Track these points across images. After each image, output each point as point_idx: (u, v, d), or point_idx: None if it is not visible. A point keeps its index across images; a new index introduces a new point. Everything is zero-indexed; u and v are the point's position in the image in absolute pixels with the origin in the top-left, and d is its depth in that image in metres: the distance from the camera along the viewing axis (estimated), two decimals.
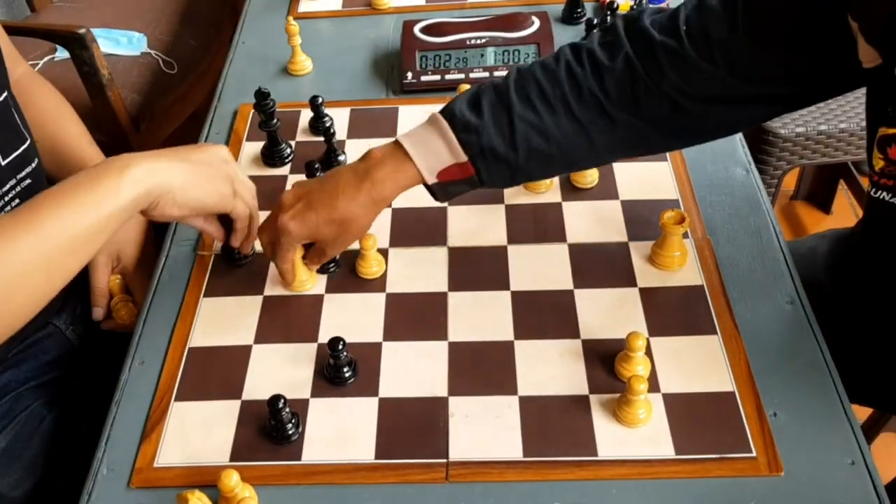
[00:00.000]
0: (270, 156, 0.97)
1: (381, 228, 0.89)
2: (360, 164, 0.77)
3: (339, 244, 0.79)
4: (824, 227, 2.00)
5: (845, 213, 2.04)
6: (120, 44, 1.62)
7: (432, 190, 0.77)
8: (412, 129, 0.76)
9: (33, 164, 0.86)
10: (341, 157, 0.97)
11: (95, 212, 0.65)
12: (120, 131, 1.51)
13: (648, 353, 0.74)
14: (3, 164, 0.81)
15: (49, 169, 0.93)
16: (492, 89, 0.75)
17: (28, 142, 0.86)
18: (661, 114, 0.72)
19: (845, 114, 1.46)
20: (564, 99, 0.72)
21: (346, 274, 0.84)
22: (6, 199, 0.82)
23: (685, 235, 0.84)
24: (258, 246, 0.84)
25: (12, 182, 0.83)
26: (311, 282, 0.83)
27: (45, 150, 0.92)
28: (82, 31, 1.38)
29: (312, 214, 0.76)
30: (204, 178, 0.73)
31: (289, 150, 0.98)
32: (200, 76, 1.73)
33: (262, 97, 0.94)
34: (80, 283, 0.94)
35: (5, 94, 0.83)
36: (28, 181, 0.85)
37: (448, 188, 0.76)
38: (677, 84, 0.71)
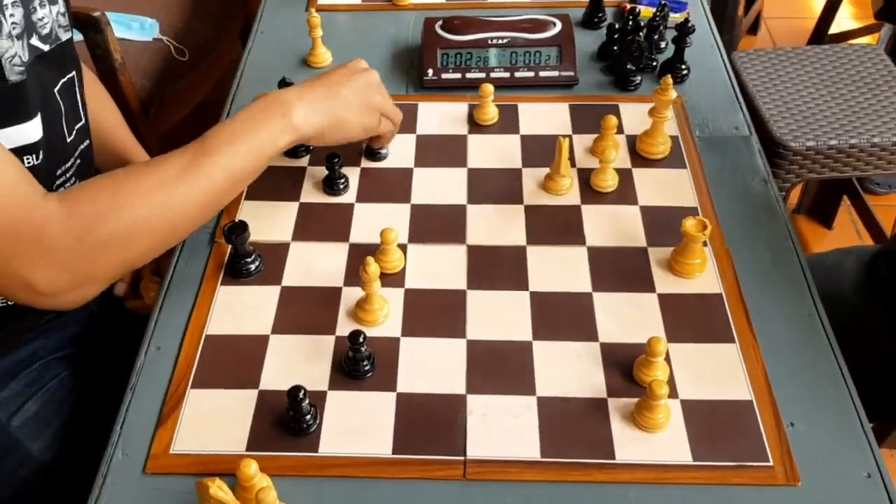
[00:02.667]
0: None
1: (400, 223, 0.88)
2: None
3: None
4: (825, 242, 2.02)
5: (846, 228, 2.05)
6: (132, 29, 1.61)
7: None
8: None
9: (83, 145, 0.87)
10: (383, 151, 0.97)
11: (258, 156, 0.76)
12: (129, 116, 1.50)
13: (667, 359, 0.74)
14: (69, 140, 0.83)
15: None
16: None
17: (83, 121, 0.87)
18: None
19: (855, 129, 1.47)
20: None
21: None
22: (67, 175, 0.83)
23: (704, 244, 0.84)
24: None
25: (72, 160, 0.84)
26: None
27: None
28: (97, 13, 1.38)
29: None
30: (353, 115, 0.83)
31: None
32: (211, 65, 1.73)
33: (284, 86, 0.93)
34: None
35: (73, 72, 0.85)
36: (80, 161, 0.86)
37: None
38: None
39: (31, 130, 0.75)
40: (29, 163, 0.76)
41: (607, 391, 0.73)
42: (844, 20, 2.57)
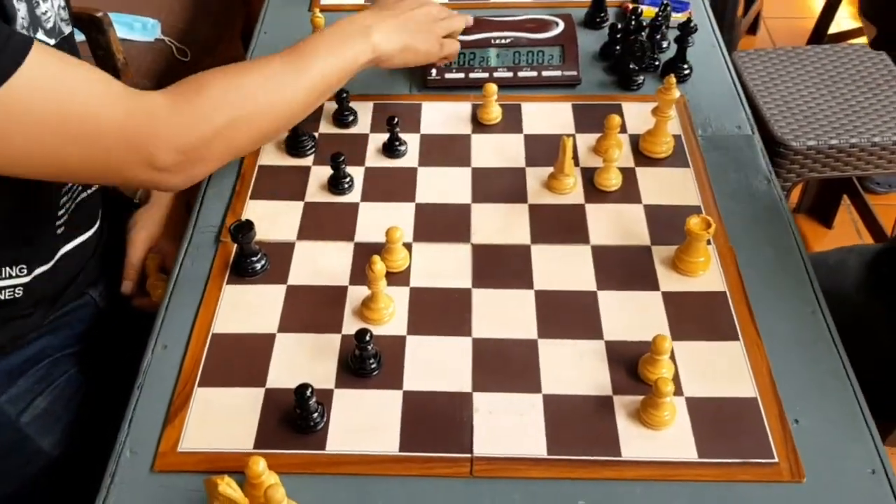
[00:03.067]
0: (294, 146, 0.97)
1: (405, 222, 0.89)
2: None
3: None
4: (826, 241, 2.02)
5: (847, 228, 2.06)
6: (134, 29, 1.62)
7: None
8: None
9: None
10: (402, 147, 0.98)
11: (344, 68, 0.85)
12: None
13: (671, 356, 0.75)
14: None
15: None
16: None
17: None
18: None
19: (856, 129, 1.47)
20: None
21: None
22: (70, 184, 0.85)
23: (708, 242, 0.85)
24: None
25: None
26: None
27: None
28: (100, 14, 1.38)
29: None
30: (420, 42, 0.93)
31: (312, 141, 0.98)
32: (212, 65, 1.72)
33: None
34: (116, 258, 0.96)
35: None
36: None
37: None
38: None
39: None
40: None
41: (613, 389, 0.74)
42: (843, 20, 2.58)
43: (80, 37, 1.48)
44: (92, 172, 0.73)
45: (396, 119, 0.95)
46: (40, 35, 0.75)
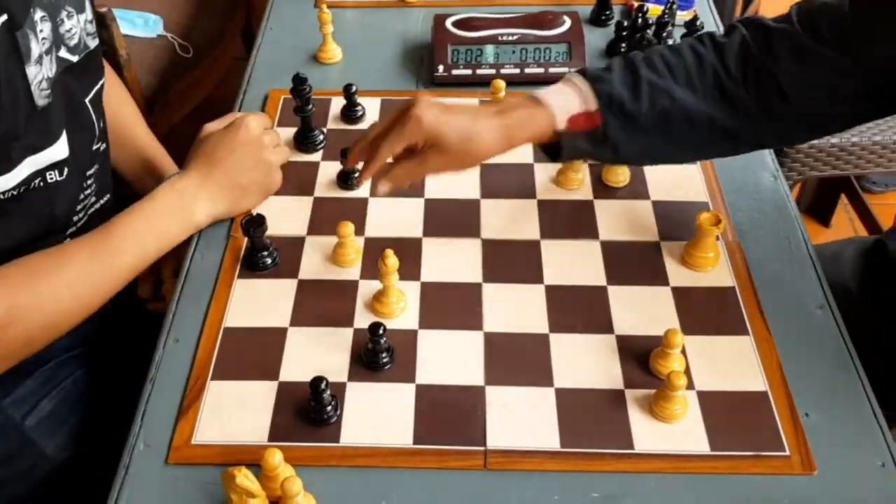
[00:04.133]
0: (304, 141, 0.97)
1: (414, 218, 0.89)
2: (492, 105, 0.80)
3: (452, 160, 0.78)
4: (823, 240, 2.03)
5: (844, 227, 2.07)
6: (136, 25, 1.61)
7: (558, 145, 0.79)
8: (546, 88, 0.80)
9: (103, 147, 0.88)
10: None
11: (157, 253, 0.80)
12: None
13: (682, 351, 0.75)
14: (93, 149, 0.85)
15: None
16: (621, 58, 0.80)
17: (104, 125, 0.88)
18: (770, 97, 0.76)
19: (857, 128, 1.48)
20: (686, 68, 0.78)
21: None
22: (89, 181, 0.84)
23: (717, 237, 0.85)
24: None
25: (96, 167, 0.86)
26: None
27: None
28: (103, 9, 1.37)
29: (451, 117, 0.77)
30: (252, 196, 0.87)
31: (321, 137, 0.98)
32: (214, 61, 1.73)
33: (299, 82, 0.94)
34: None
35: (102, 80, 0.86)
36: (97, 165, 0.87)
37: (574, 142, 0.78)
38: (788, 68, 0.75)
39: (58, 150, 0.75)
40: (52, 178, 0.76)
41: (624, 382, 0.74)
42: None
43: None
44: None
45: None
46: (63, 52, 0.75)
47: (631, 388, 0.74)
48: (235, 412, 0.72)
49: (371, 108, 1.03)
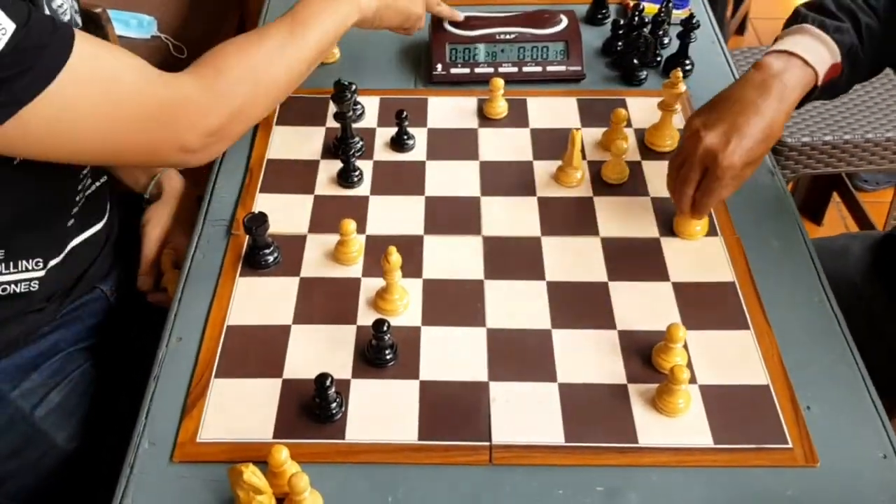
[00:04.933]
0: (343, 148, 0.95)
1: (415, 215, 0.89)
2: (756, 75, 0.81)
3: (760, 161, 0.81)
4: (815, 237, 2.05)
5: (836, 224, 2.09)
6: (130, 26, 1.61)
7: (813, 93, 0.82)
8: (788, 40, 0.82)
9: None
10: (410, 142, 0.98)
11: (335, 28, 0.86)
12: None
13: (684, 345, 0.75)
14: None
15: None
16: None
17: None
18: None
19: (849, 125, 1.49)
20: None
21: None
22: (85, 170, 0.84)
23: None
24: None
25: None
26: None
27: None
28: (98, 10, 1.37)
29: (749, 140, 0.78)
30: (404, 7, 0.94)
31: (360, 143, 0.97)
32: None
33: (341, 87, 0.92)
34: (125, 252, 0.96)
35: None
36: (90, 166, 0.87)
37: (824, 90, 0.82)
38: None
39: None
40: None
41: (627, 377, 0.75)
42: None
43: None
44: (128, 155, 0.76)
45: (405, 113, 0.96)
46: None
47: (634, 382, 0.74)
48: (240, 410, 0.72)
49: (370, 107, 1.03)
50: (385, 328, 0.73)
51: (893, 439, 0.70)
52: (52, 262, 0.82)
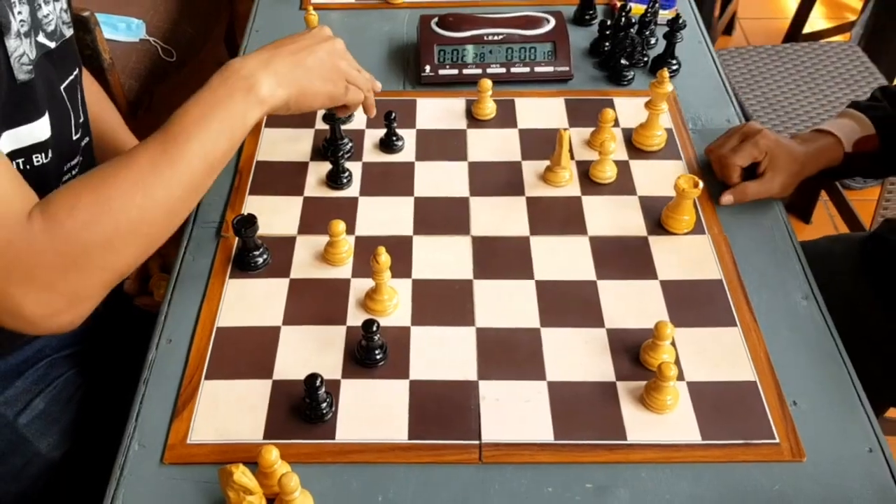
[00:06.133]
0: (331, 149, 0.95)
1: (404, 216, 0.90)
2: (797, 141, 0.94)
3: (782, 183, 0.91)
4: (804, 236, 2.05)
5: (824, 223, 2.10)
6: (118, 29, 1.61)
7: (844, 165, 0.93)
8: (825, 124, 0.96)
9: (85, 142, 0.88)
10: (399, 143, 0.98)
11: (229, 136, 0.72)
12: None
13: (672, 343, 0.76)
14: (74, 138, 0.83)
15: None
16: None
17: (84, 118, 0.87)
18: None
19: None
20: None
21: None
22: (73, 172, 0.83)
23: (702, 231, 0.87)
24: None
25: (78, 157, 0.84)
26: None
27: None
28: (86, 13, 1.37)
29: (784, 141, 0.92)
30: (318, 85, 0.80)
31: (349, 146, 0.98)
32: (198, 65, 1.72)
33: (331, 120, 0.92)
34: None
35: (77, 70, 0.84)
36: (81, 158, 0.86)
37: (859, 162, 0.93)
38: None
39: (40, 129, 0.75)
40: (38, 161, 0.76)
41: (616, 375, 0.75)
42: (816, 20, 2.63)
43: None
44: None
45: (394, 114, 0.96)
46: (41, 38, 0.75)
47: (622, 380, 0.75)
48: (230, 411, 0.72)
49: (359, 109, 1.03)
50: (374, 328, 0.73)
51: (879, 433, 0.71)
52: None
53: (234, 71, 0.75)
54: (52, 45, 0.78)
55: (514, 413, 0.72)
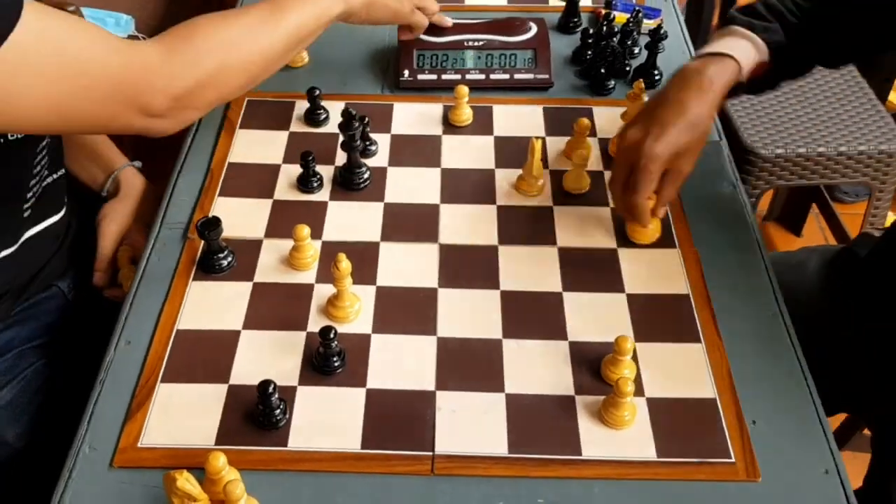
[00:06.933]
0: (348, 177, 0.94)
1: (373, 222, 0.89)
2: (675, 75, 0.85)
3: (694, 153, 0.82)
4: (795, 248, 2.05)
5: (815, 235, 2.09)
6: (107, 25, 1.60)
7: (741, 87, 0.86)
8: (714, 43, 0.85)
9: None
10: (372, 147, 0.98)
11: (317, 20, 0.88)
12: None
13: (634, 357, 0.75)
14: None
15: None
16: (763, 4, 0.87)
17: None
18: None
19: (823, 138, 1.50)
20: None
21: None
22: (43, 152, 0.84)
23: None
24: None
25: (47, 138, 0.85)
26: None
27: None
28: (71, 7, 1.36)
29: (670, 128, 0.79)
30: (393, 3, 0.96)
31: (367, 174, 0.95)
32: None
33: (349, 116, 0.91)
34: (85, 249, 0.96)
35: None
36: (51, 139, 0.86)
37: (752, 85, 0.86)
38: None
39: None
40: (12, 135, 0.76)
41: (575, 389, 0.74)
42: None
43: None
44: (89, 122, 0.74)
45: (367, 119, 0.96)
46: None
47: (581, 394, 0.74)
48: (184, 415, 0.72)
49: (335, 112, 1.03)
50: (332, 335, 0.73)
51: (837, 455, 0.70)
52: (5, 252, 0.81)
53: None
54: None
55: (470, 425, 0.71)
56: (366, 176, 0.94)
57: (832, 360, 0.80)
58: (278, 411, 0.70)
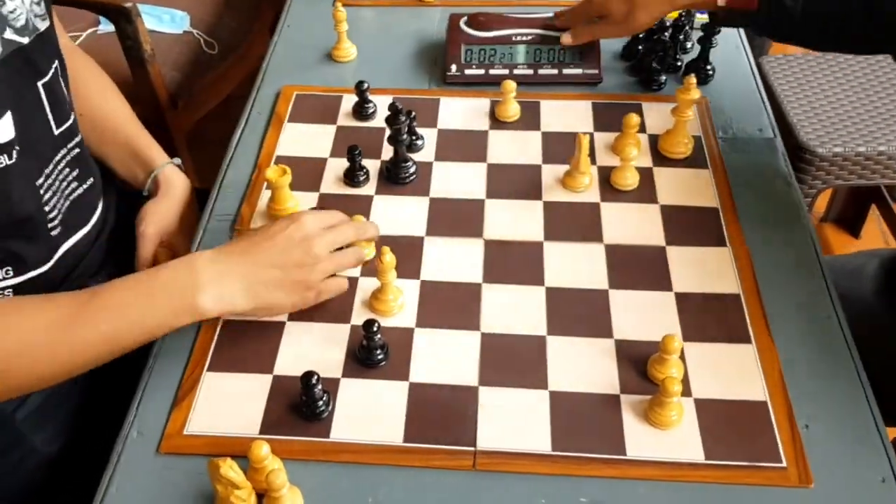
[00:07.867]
0: (395, 171, 0.94)
1: (418, 216, 0.89)
2: None
3: (619, 29, 0.98)
4: (852, 251, 1.99)
5: (874, 237, 2.02)
6: (163, 21, 1.64)
7: (719, 13, 0.91)
8: None
9: (78, 137, 0.87)
10: (419, 142, 0.97)
11: (145, 333, 0.71)
12: (158, 108, 1.52)
13: (681, 357, 0.74)
14: (56, 133, 0.82)
15: (89, 142, 0.93)
16: None
17: (72, 119, 0.86)
18: None
19: (884, 136, 1.45)
20: None
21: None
22: (59, 167, 0.83)
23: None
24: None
25: (63, 151, 0.84)
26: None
27: (86, 123, 0.92)
28: (129, 4, 1.40)
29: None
30: (272, 299, 0.75)
31: (413, 168, 0.94)
32: (240, 58, 1.74)
33: (395, 112, 0.89)
34: (118, 248, 0.95)
35: (56, 63, 0.83)
36: (76, 150, 0.86)
37: (732, 16, 0.90)
38: None
39: (1, 130, 0.72)
40: (1, 163, 0.73)
41: (620, 387, 0.73)
42: None
43: (109, 27, 1.51)
44: None
45: (413, 113, 0.95)
46: (8, 34, 0.73)
47: (627, 393, 0.73)
48: (229, 404, 0.73)
49: (382, 106, 1.03)
50: (375, 328, 0.73)
51: (894, 463, 0.68)
52: (41, 270, 0.81)
53: (187, 268, 0.72)
54: (25, 40, 0.76)
55: (513, 421, 0.71)
56: (412, 170, 0.94)
57: (890, 371, 0.77)
58: (321, 402, 0.71)
